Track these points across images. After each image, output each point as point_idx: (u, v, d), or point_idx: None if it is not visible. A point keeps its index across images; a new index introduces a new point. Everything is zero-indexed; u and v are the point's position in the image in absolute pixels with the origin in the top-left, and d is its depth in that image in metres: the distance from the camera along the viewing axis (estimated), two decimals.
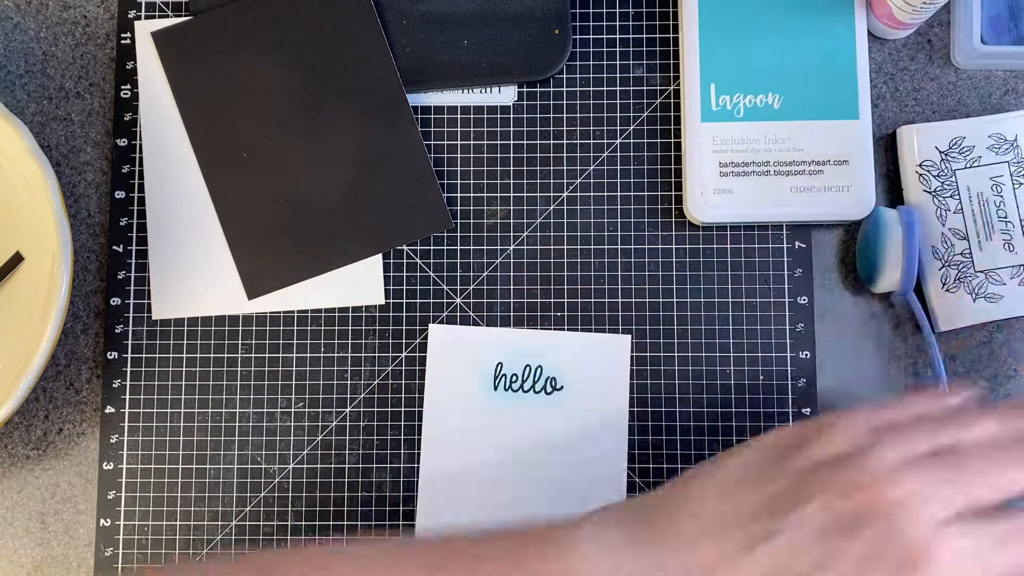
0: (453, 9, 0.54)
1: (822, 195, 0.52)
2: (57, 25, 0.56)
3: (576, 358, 0.52)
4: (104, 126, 0.55)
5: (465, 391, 0.52)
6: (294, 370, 0.54)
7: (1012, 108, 0.55)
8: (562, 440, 0.51)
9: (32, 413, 0.54)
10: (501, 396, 0.52)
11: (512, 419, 0.52)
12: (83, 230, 0.55)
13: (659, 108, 0.55)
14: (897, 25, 0.53)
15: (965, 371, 0.54)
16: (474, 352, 0.52)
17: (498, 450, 0.52)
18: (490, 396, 0.52)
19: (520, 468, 0.51)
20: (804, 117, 0.53)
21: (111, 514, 0.53)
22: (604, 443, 0.52)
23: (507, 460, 0.51)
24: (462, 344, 0.53)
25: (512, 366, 0.52)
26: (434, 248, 0.54)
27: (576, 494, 0.51)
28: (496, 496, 0.51)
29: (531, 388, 0.52)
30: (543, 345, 0.52)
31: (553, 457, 0.51)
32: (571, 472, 0.51)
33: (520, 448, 0.51)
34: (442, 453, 0.52)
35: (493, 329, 0.53)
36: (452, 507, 0.51)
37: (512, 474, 0.51)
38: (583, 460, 0.51)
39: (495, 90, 0.55)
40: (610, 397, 0.52)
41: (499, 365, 0.52)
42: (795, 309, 0.54)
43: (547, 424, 0.52)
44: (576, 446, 0.51)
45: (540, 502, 0.51)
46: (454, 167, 0.55)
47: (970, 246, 0.53)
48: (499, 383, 0.52)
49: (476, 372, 0.52)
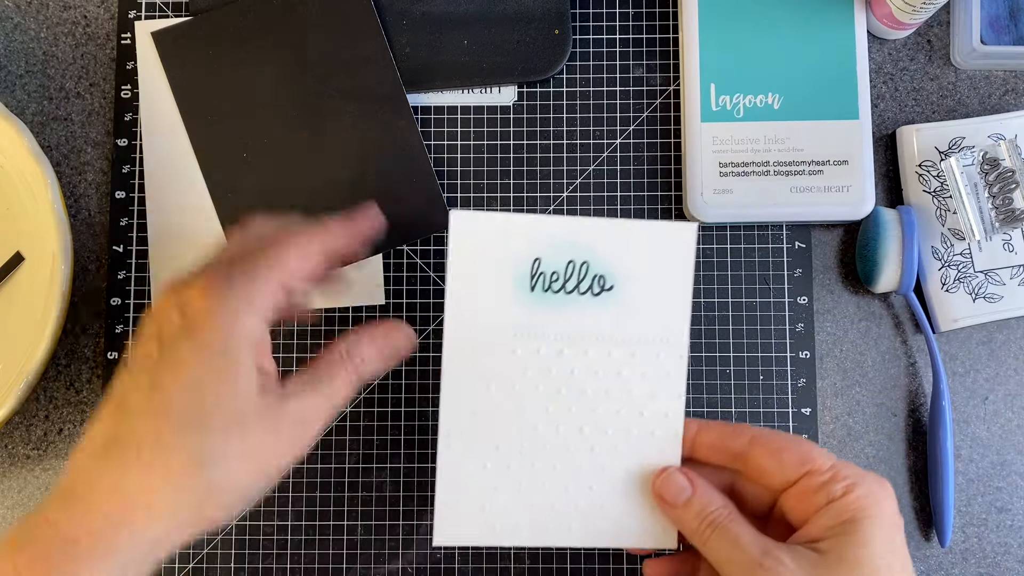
0: (453, 9, 0.55)
1: (822, 195, 0.52)
2: (57, 25, 0.56)
3: (630, 252, 0.44)
4: (104, 126, 0.55)
5: (495, 293, 0.43)
6: (294, 369, 0.54)
7: (1012, 108, 0.55)
8: (611, 354, 0.44)
9: (32, 413, 0.54)
10: (539, 298, 0.44)
11: (553, 323, 0.44)
12: (83, 230, 0.55)
13: (659, 108, 0.55)
14: (897, 25, 0.53)
15: (965, 371, 0.54)
16: (506, 245, 0.43)
17: (536, 371, 0.44)
18: (526, 299, 0.44)
19: (561, 396, 0.44)
20: (804, 117, 0.53)
21: None
22: (661, 359, 0.44)
23: (545, 383, 0.44)
24: (491, 236, 0.43)
25: (552, 262, 0.43)
26: (434, 248, 0.54)
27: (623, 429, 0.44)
28: (531, 445, 0.44)
29: (575, 289, 0.44)
30: (590, 237, 0.43)
31: (600, 374, 0.44)
32: (620, 396, 0.44)
33: (562, 366, 0.44)
34: (468, 378, 0.44)
35: (529, 216, 0.45)
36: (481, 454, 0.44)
37: (551, 404, 0.44)
38: (636, 378, 0.44)
39: (495, 90, 0.55)
40: (670, 299, 0.44)
41: (537, 261, 0.43)
42: (795, 309, 0.54)
43: (594, 331, 0.44)
44: (628, 360, 0.44)
45: (581, 449, 0.44)
46: (454, 167, 0.55)
47: (970, 246, 0.53)
48: (536, 283, 0.44)
49: (508, 270, 0.43)
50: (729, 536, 0.41)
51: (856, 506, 0.40)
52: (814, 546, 0.40)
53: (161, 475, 0.36)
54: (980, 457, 0.53)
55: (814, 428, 0.53)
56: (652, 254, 0.44)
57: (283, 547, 0.52)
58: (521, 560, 0.52)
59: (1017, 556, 0.53)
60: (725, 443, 0.44)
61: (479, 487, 0.44)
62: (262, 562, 0.52)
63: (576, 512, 0.44)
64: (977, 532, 0.53)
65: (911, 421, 0.53)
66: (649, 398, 0.44)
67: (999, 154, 0.51)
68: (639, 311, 0.44)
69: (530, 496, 0.44)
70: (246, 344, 0.38)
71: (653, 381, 0.44)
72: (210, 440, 0.37)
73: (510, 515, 0.44)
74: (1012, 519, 0.53)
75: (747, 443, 0.43)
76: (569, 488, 0.44)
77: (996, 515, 0.53)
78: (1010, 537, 0.53)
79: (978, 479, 0.53)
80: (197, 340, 0.37)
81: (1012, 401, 0.54)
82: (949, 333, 0.54)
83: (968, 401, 0.54)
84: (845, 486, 0.40)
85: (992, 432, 0.53)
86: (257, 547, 0.52)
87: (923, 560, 0.53)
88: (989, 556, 0.53)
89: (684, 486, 0.43)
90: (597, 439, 0.44)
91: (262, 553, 0.52)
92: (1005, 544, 0.53)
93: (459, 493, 0.44)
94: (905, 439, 0.53)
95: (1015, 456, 0.53)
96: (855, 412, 0.54)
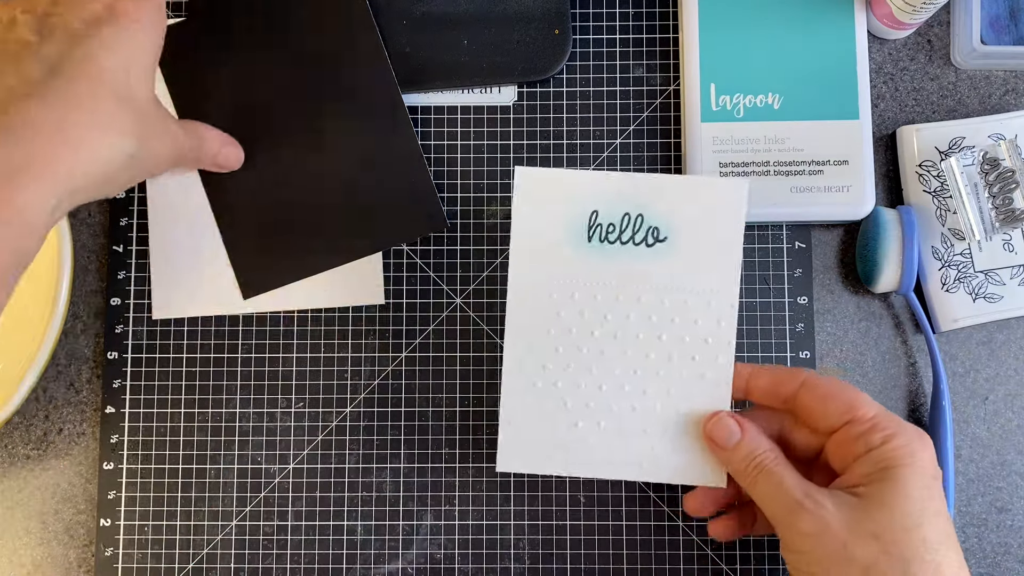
0: (453, 9, 0.54)
1: (822, 195, 0.52)
2: None
3: (683, 205, 0.47)
4: None
5: (555, 243, 0.47)
6: (294, 370, 0.54)
7: (1012, 108, 0.55)
8: (664, 302, 0.47)
9: (32, 413, 0.54)
10: (596, 248, 0.47)
11: (609, 272, 0.47)
12: (83, 230, 0.55)
13: (659, 108, 0.55)
14: (897, 25, 0.53)
15: (965, 371, 0.54)
16: (566, 199, 0.47)
17: (592, 316, 0.47)
18: (584, 248, 0.47)
19: (616, 341, 0.47)
20: (804, 117, 0.53)
21: (111, 514, 0.53)
22: (712, 307, 0.47)
23: (601, 327, 0.47)
24: (551, 190, 0.47)
25: (609, 214, 0.47)
26: (434, 248, 0.54)
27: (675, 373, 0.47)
28: (587, 384, 0.47)
29: (630, 239, 0.47)
30: (645, 191, 0.47)
31: (654, 320, 0.47)
32: (672, 342, 0.47)
33: (617, 312, 0.47)
34: (529, 320, 0.47)
35: (588, 172, 0.48)
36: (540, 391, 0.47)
37: (606, 347, 0.47)
38: (688, 325, 0.47)
39: (495, 90, 0.55)
40: (721, 250, 0.47)
41: (594, 213, 0.47)
42: (795, 309, 0.54)
43: (648, 280, 0.47)
44: (681, 308, 0.47)
45: (635, 391, 0.47)
46: (454, 167, 0.55)
47: (970, 246, 0.53)
48: (594, 234, 0.47)
49: (568, 221, 0.47)
50: (774, 479, 0.43)
51: (893, 455, 0.42)
52: (853, 491, 0.42)
53: (101, 120, 0.41)
54: (980, 457, 0.53)
55: None
56: (704, 208, 0.47)
57: (283, 547, 0.52)
58: (521, 560, 0.52)
59: (1017, 556, 0.53)
60: (777, 387, 0.46)
61: (538, 421, 0.48)
62: (262, 562, 0.52)
63: (629, 449, 0.47)
64: (977, 532, 0.53)
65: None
66: (701, 344, 0.47)
67: (999, 154, 0.51)
68: (691, 261, 0.47)
69: (586, 433, 0.47)
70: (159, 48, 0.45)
71: (705, 328, 0.47)
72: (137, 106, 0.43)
73: (567, 449, 0.47)
74: (1012, 519, 0.53)
75: (797, 387, 0.45)
76: (623, 427, 0.47)
77: (996, 515, 0.53)
78: (1010, 537, 0.53)
79: (978, 479, 0.53)
80: (118, 28, 0.42)
81: (1012, 401, 0.54)
82: (949, 333, 0.54)
83: (968, 401, 0.54)
84: (884, 436, 0.42)
85: (992, 432, 0.53)
86: (257, 547, 0.53)
87: None
88: (989, 556, 0.53)
89: (734, 430, 0.45)
90: (650, 382, 0.47)
91: (262, 553, 0.52)
92: (1005, 544, 0.53)
93: (520, 425, 0.48)
94: None
95: (1015, 456, 0.53)
96: None
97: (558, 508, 0.53)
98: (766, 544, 0.52)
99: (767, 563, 0.52)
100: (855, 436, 0.43)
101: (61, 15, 0.42)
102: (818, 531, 0.41)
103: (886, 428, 0.43)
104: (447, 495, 0.53)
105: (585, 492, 0.53)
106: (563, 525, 0.53)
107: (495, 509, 0.53)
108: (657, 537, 0.52)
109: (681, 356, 0.47)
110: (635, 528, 0.52)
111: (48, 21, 0.42)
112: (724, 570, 0.52)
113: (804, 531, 0.42)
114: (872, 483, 0.42)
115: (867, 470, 0.42)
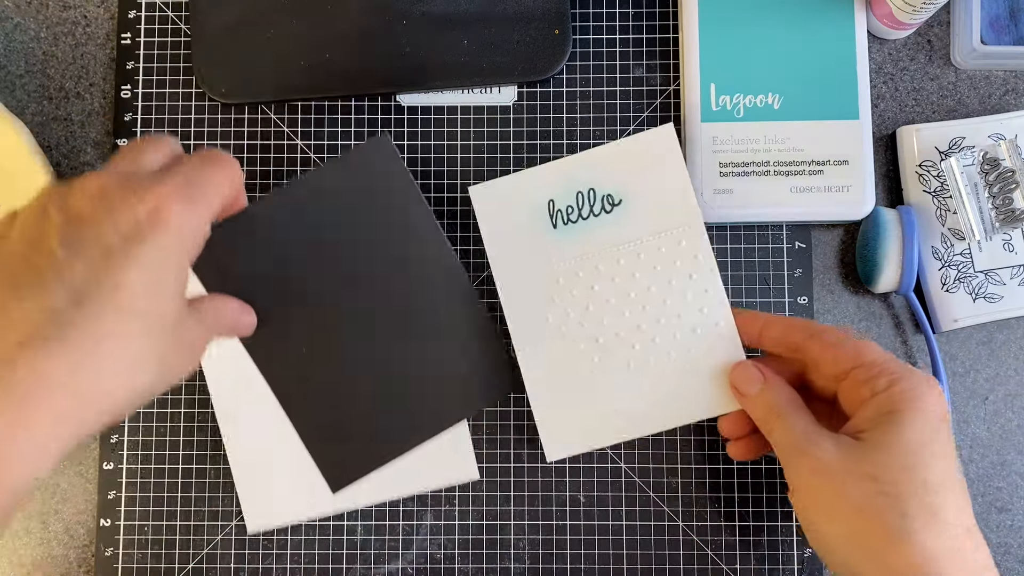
0: (453, 9, 0.54)
1: (822, 195, 0.52)
2: (57, 25, 0.56)
3: (625, 167, 0.50)
4: (104, 126, 0.55)
5: (525, 240, 0.51)
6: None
7: (1012, 108, 0.55)
8: (640, 255, 0.50)
9: None
10: (563, 231, 0.50)
11: (581, 247, 0.50)
12: None
13: (659, 108, 0.55)
14: (897, 25, 0.53)
15: (965, 371, 0.54)
16: (522, 198, 0.51)
17: (581, 291, 0.50)
18: (552, 236, 0.51)
19: (611, 305, 0.50)
20: (804, 117, 0.53)
21: (111, 514, 0.53)
22: (684, 245, 0.50)
23: (593, 299, 0.50)
24: (506, 195, 0.51)
25: (564, 198, 0.51)
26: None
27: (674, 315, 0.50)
28: (600, 355, 0.50)
29: (590, 213, 0.50)
30: (587, 167, 0.51)
31: (638, 275, 0.50)
32: (660, 286, 0.50)
33: (602, 279, 0.50)
34: (527, 317, 0.50)
35: (532, 169, 0.51)
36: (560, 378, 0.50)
37: (604, 316, 0.50)
38: (668, 265, 0.50)
39: (495, 90, 0.55)
40: (673, 189, 0.50)
41: (551, 202, 0.51)
42: (795, 309, 0.54)
43: (618, 241, 0.50)
44: (655, 254, 0.50)
45: (644, 345, 0.50)
46: (454, 167, 0.55)
47: (970, 246, 0.53)
48: (556, 219, 0.51)
49: (530, 217, 0.51)
50: (787, 423, 0.44)
51: (898, 399, 0.42)
52: (858, 435, 0.43)
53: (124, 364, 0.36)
54: (980, 457, 0.53)
55: None
56: (643, 162, 0.50)
57: (283, 547, 0.52)
58: (521, 560, 0.52)
59: (1017, 556, 0.53)
60: (787, 337, 0.47)
61: (568, 405, 0.50)
62: (262, 562, 0.52)
63: (654, 402, 0.50)
64: None
65: None
66: (686, 280, 0.50)
67: (999, 154, 0.51)
68: (651, 210, 0.50)
69: (611, 399, 0.50)
70: (194, 252, 0.39)
71: (685, 264, 0.50)
72: (164, 323, 0.38)
73: (600, 419, 0.50)
74: (1012, 519, 0.53)
75: (807, 337, 0.46)
76: (643, 382, 0.50)
77: (996, 515, 0.53)
78: (1010, 537, 0.53)
79: (978, 479, 0.53)
80: (158, 242, 0.37)
81: (1012, 401, 0.54)
82: (949, 333, 0.54)
83: (968, 401, 0.54)
84: (889, 380, 0.43)
85: (992, 432, 0.53)
86: (257, 547, 0.53)
87: None
88: None
89: (757, 378, 0.47)
90: (655, 331, 0.50)
91: (262, 553, 0.52)
92: (1005, 544, 0.53)
93: (553, 415, 0.50)
94: None
95: (1015, 456, 0.53)
96: None
97: (558, 508, 0.53)
98: (766, 544, 0.52)
99: (767, 563, 0.52)
100: (862, 381, 0.44)
101: (98, 223, 0.36)
102: (817, 471, 0.42)
103: (892, 372, 0.43)
104: (447, 495, 0.53)
105: (585, 492, 0.53)
106: (563, 525, 0.53)
107: (495, 509, 0.53)
108: (657, 537, 0.52)
109: (672, 298, 0.50)
110: (635, 528, 0.52)
111: (81, 230, 0.36)
112: (724, 570, 0.52)
113: (805, 472, 0.43)
114: (876, 427, 0.42)
115: (871, 414, 0.43)
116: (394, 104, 0.55)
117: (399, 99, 0.55)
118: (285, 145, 0.55)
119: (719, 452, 0.53)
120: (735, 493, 0.53)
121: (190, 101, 0.55)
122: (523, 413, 0.53)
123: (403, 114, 0.55)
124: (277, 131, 0.55)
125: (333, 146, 0.55)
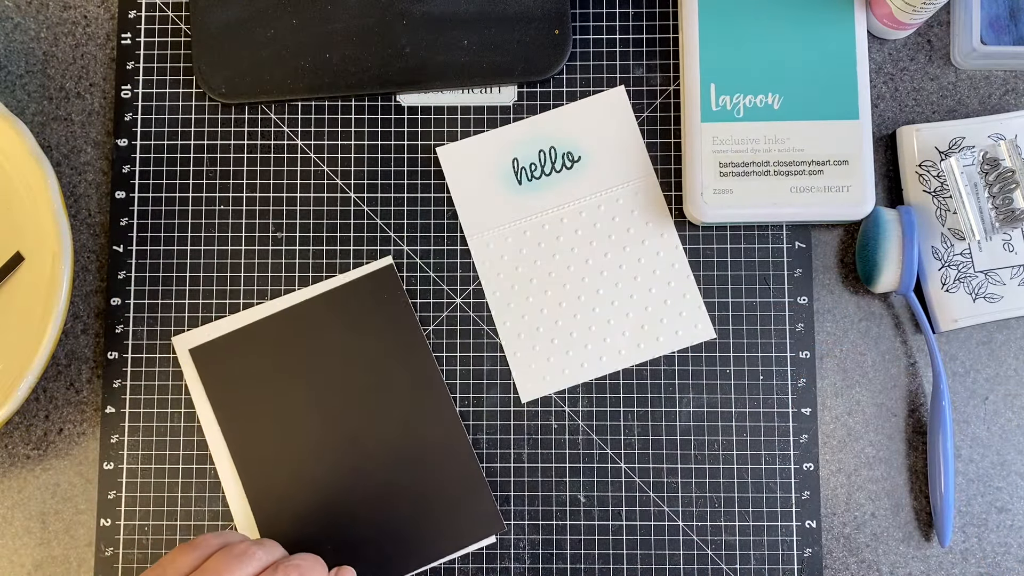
0: (453, 9, 0.54)
1: (822, 195, 0.52)
2: (57, 25, 0.56)
3: (582, 126, 0.55)
4: (104, 126, 0.55)
5: (491, 196, 0.54)
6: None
7: (1012, 108, 0.55)
8: (600, 207, 0.54)
9: (32, 413, 0.54)
10: (527, 187, 0.54)
11: (545, 201, 0.54)
12: (83, 230, 0.55)
13: (659, 108, 0.55)
14: (897, 25, 0.53)
15: (965, 371, 0.54)
16: (487, 158, 0.54)
17: (547, 241, 0.54)
18: (518, 191, 0.54)
19: (575, 254, 0.54)
20: (804, 117, 0.53)
21: (111, 514, 0.53)
22: (639, 196, 0.54)
23: (559, 249, 0.54)
24: (472, 155, 0.54)
25: (527, 156, 0.54)
26: (434, 248, 0.54)
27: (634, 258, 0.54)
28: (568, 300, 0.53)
29: (552, 169, 0.54)
30: (548, 126, 0.55)
31: (598, 226, 0.54)
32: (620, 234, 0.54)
33: (564, 230, 0.54)
34: (497, 268, 0.54)
35: (496, 129, 0.55)
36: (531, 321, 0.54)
37: (570, 263, 0.54)
38: (626, 215, 0.54)
39: (495, 90, 0.55)
40: (627, 146, 0.54)
41: (515, 160, 0.54)
42: (795, 309, 0.54)
43: (579, 193, 0.54)
44: (613, 205, 0.54)
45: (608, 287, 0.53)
46: None
47: (970, 246, 0.53)
48: (521, 176, 0.54)
49: (496, 175, 0.54)
50: None
51: None
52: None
53: None
54: (980, 457, 0.53)
55: (814, 428, 0.53)
56: (599, 121, 0.55)
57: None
58: (521, 560, 0.52)
59: (1017, 556, 0.53)
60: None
61: (540, 347, 0.53)
62: None
63: (624, 338, 0.53)
64: (977, 532, 0.53)
65: (911, 421, 0.53)
66: (643, 226, 0.54)
67: (999, 154, 0.51)
68: (607, 165, 0.54)
69: (584, 339, 0.53)
70: None
71: (641, 212, 0.54)
72: None
73: (573, 359, 0.53)
74: (1012, 519, 0.53)
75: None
76: (611, 321, 0.53)
77: (996, 515, 0.53)
78: (1010, 537, 0.53)
79: (978, 479, 0.53)
80: None
81: (1012, 401, 0.54)
82: (949, 333, 0.54)
83: (968, 401, 0.54)
84: None
85: (992, 432, 0.53)
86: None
87: (923, 560, 0.53)
88: (989, 556, 0.53)
89: None
90: (618, 275, 0.54)
91: None
92: (1005, 544, 0.53)
93: (525, 357, 0.53)
94: (905, 439, 0.53)
95: (1015, 456, 0.53)
96: (855, 412, 0.54)
97: (558, 508, 0.53)
98: (766, 544, 0.52)
99: (767, 563, 0.52)
100: None
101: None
102: None
103: None
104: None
105: (585, 492, 0.53)
106: (563, 525, 0.53)
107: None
108: (657, 537, 0.52)
109: (631, 244, 0.54)
110: (635, 528, 0.52)
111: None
112: (724, 570, 0.52)
113: None
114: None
115: None
116: (394, 104, 0.55)
117: (399, 99, 0.55)
118: (285, 145, 0.55)
119: (719, 452, 0.53)
120: (735, 493, 0.53)
121: (190, 101, 0.55)
122: (523, 413, 0.53)
123: (403, 114, 0.55)
124: (277, 131, 0.55)
125: (333, 146, 0.55)
